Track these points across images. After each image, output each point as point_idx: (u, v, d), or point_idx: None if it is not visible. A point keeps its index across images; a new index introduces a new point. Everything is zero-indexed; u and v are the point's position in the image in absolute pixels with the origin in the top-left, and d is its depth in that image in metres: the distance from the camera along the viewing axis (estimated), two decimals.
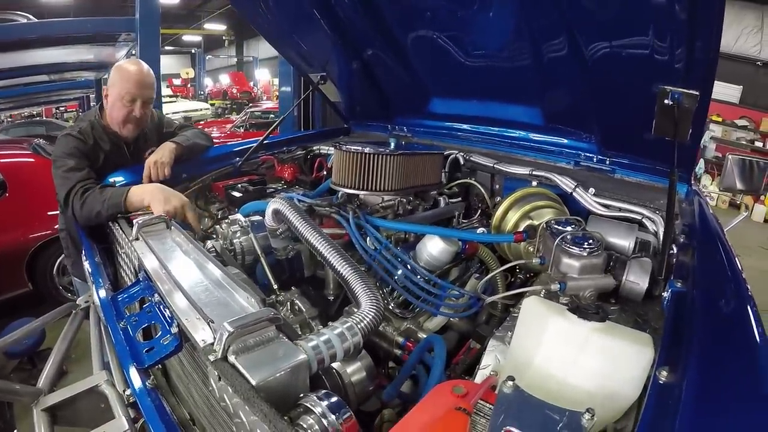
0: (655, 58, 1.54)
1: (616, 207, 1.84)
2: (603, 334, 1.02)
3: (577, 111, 2.12)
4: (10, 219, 4.18)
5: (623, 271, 1.38)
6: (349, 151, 1.92)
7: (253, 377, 0.91)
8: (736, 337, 0.95)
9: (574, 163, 2.27)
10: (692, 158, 1.89)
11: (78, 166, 2.13)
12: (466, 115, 2.75)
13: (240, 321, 1.00)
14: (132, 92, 2.25)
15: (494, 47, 2.17)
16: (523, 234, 1.57)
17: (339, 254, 1.41)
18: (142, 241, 1.59)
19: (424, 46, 2.42)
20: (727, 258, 1.33)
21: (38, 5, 14.84)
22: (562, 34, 1.82)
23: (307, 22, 2.61)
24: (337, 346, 1.07)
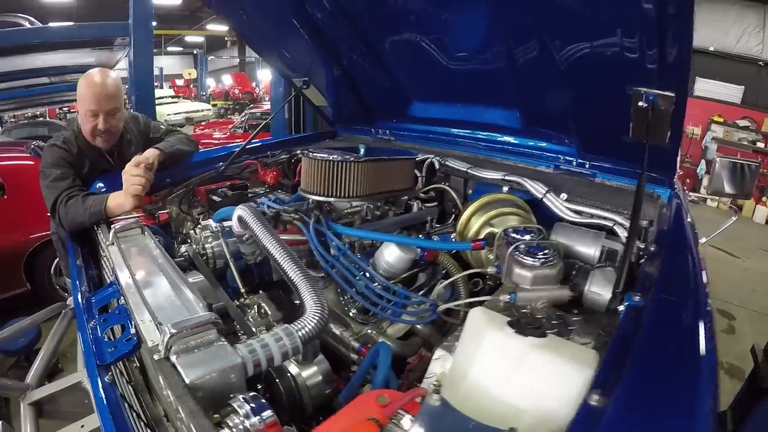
0: (628, 60, 1.50)
1: (588, 213, 1.78)
2: (541, 350, 0.97)
3: (555, 114, 2.10)
4: (8, 220, 4.23)
5: (586, 280, 1.33)
6: (315, 159, 1.91)
7: (188, 376, 0.97)
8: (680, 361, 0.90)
9: (554, 166, 2.23)
10: (673, 161, 1.84)
11: (63, 176, 2.20)
12: (446, 118, 2.73)
13: (182, 324, 1.08)
14: (92, 108, 2.26)
15: (470, 51, 2.16)
16: (482, 242, 1.52)
17: (291, 259, 1.43)
18: (116, 245, 1.68)
19: (401, 51, 2.43)
20: (693, 271, 1.27)
21: (40, 6, 14.91)
22: (533, 38, 1.80)
23: (288, 30, 2.63)
24: (274, 350, 1.09)
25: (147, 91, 5.16)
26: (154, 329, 1.17)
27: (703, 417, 0.76)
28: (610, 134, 1.85)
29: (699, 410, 0.78)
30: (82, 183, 2.27)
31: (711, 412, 0.76)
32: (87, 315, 1.46)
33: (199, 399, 0.94)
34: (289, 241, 1.82)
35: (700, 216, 4.57)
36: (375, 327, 1.66)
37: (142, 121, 2.71)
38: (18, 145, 5.52)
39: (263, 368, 1.08)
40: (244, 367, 1.04)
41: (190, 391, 0.95)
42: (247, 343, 1.09)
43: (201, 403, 0.93)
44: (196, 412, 0.89)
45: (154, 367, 1.09)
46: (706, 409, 0.77)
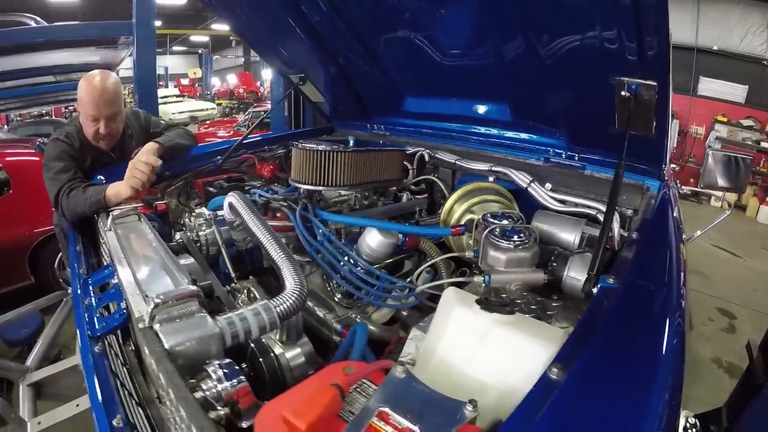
0: (609, 52, 1.52)
1: (572, 202, 1.80)
2: (506, 326, 0.99)
3: (544, 108, 2.10)
4: (13, 215, 4.30)
5: (564, 266, 1.35)
6: (304, 149, 1.96)
7: (168, 341, 1.04)
8: (642, 340, 0.91)
9: (544, 159, 2.24)
10: (661, 152, 1.84)
11: (65, 168, 2.26)
12: (439, 113, 2.75)
13: (166, 295, 1.15)
14: (92, 113, 2.31)
15: (460, 48, 2.19)
16: (461, 228, 1.55)
17: (275, 242, 1.49)
18: (113, 231, 1.75)
19: (394, 48, 2.45)
20: (670, 259, 1.28)
21: (46, 6, 15.03)
22: (518, 34, 1.81)
23: (284, 28, 2.66)
24: (251, 323, 1.13)
25: (150, 89, 5.19)
26: (143, 303, 1.22)
27: (658, 391, 0.77)
28: (598, 127, 1.86)
29: (655, 385, 0.79)
30: (84, 176, 2.33)
31: (669, 389, 0.78)
32: (83, 293, 1.54)
33: (179, 366, 0.99)
34: (278, 227, 1.89)
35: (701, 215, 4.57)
36: (359, 311, 1.69)
37: (143, 117, 2.76)
38: (23, 142, 5.60)
39: (241, 339, 1.12)
40: (222, 337, 1.09)
41: (169, 355, 1.00)
42: (227, 315, 1.14)
43: (180, 369, 0.98)
44: (172, 373, 0.93)
45: (140, 337, 1.13)
46: (663, 386, 0.79)
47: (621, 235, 1.56)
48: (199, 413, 0.87)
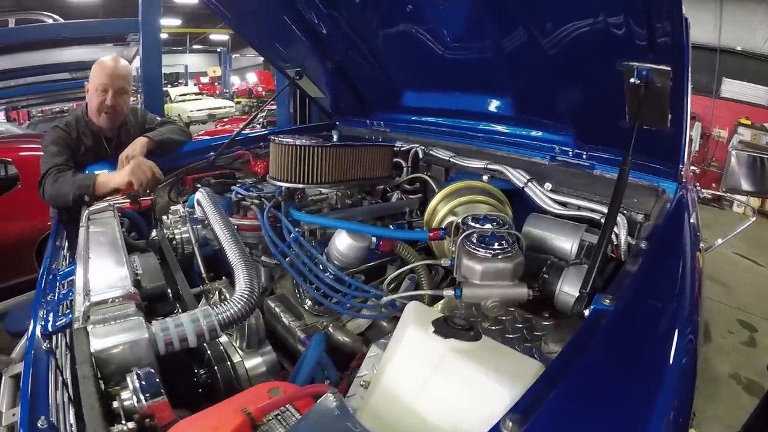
0: (614, 34, 1.33)
1: (574, 205, 1.60)
2: (462, 357, 0.80)
3: (548, 101, 1.92)
4: (22, 208, 4.34)
5: (558, 279, 1.15)
6: (281, 144, 1.84)
7: (94, 345, 0.98)
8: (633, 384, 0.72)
9: (550, 157, 2.05)
10: (677, 150, 1.63)
11: (58, 153, 2.30)
12: (440, 108, 2.60)
13: (102, 295, 1.12)
14: (104, 82, 2.38)
15: (457, 38, 2.04)
16: (441, 231, 1.35)
17: (233, 241, 1.41)
18: (86, 227, 1.70)
19: (390, 42, 2.34)
20: (683, 272, 1.08)
21: (66, 5, 15.26)
22: (516, 20, 1.65)
23: (280, 26, 2.60)
24: (188, 329, 1.07)
25: (155, 85, 5.20)
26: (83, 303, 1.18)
27: None
28: (608, 121, 1.67)
29: None
30: (77, 165, 2.35)
31: None
32: (48, 288, 1.52)
33: (110, 371, 0.97)
34: (247, 227, 1.80)
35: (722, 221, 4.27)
36: (332, 320, 1.54)
37: (140, 113, 2.79)
38: (35, 137, 5.69)
39: (176, 347, 1.06)
40: (154, 343, 1.03)
41: (96, 359, 0.96)
42: (162, 321, 1.08)
43: (110, 375, 0.96)
44: (88, 378, 0.90)
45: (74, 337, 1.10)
46: None
47: (629, 243, 1.35)
48: (99, 424, 0.81)
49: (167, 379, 1.15)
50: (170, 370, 1.21)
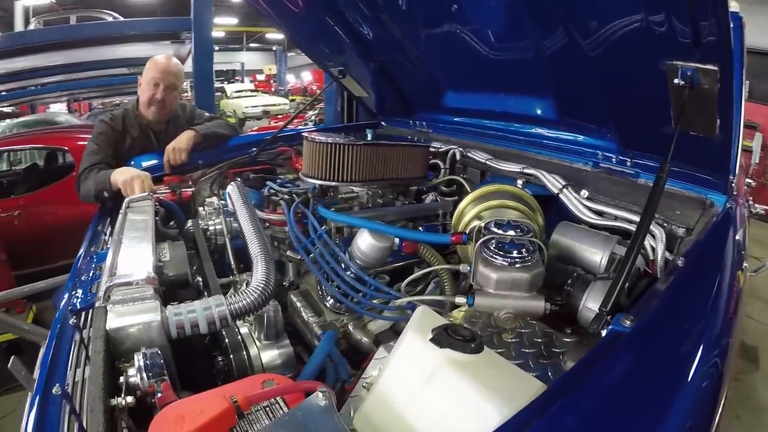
0: (657, 33, 1.23)
1: (611, 215, 1.51)
2: (457, 370, 0.76)
3: (591, 103, 1.81)
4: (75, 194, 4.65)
5: (582, 293, 1.09)
6: (314, 141, 1.85)
7: (110, 323, 1.03)
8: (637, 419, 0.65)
9: (593, 164, 1.95)
10: (727, 159, 1.50)
11: (96, 151, 2.44)
12: (482, 109, 2.53)
13: (121, 279, 1.17)
14: (156, 77, 2.51)
15: (499, 39, 1.99)
16: (463, 235, 1.30)
17: (255, 234, 1.43)
18: (124, 215, 1.77)
19: (433, 42, 2.31)
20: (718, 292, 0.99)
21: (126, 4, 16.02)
22: (556, 21, 1.58)
23: (323, 27, 2.63)
24: (199, 316, 1.09)
25: (206, 81, 5.38)
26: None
27: None
28: (654, 127, 1.56)
29: None
30: (120, 157, 2.48)
31: None
32: (84, 268, 1.58)
33: (124, 348, 1.02)
34: (276, 221, 1.82)
35: None
36: (352, 319, 1.54)
37: (189, 109, 2.89)
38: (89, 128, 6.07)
39: (187, 332, 1.09)
40: (167, 327, 1.06)
41: (106, 335, 1.01)
42: (177, 306, 1.11)
43: (124, 352, 1.01)
44: (98, 353, 0.95)
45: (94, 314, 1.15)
46: None
47: (666, 259, 1.26)
48: (98, 394, 0.86)
49: (186, 362, 1.23)
50: (190, 354, 1.27)
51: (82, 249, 1.85)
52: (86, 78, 6.74)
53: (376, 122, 3.45)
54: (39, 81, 6.16)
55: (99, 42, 5.63)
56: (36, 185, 4.85)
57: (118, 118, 2.59)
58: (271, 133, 2.95)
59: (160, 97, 2.52)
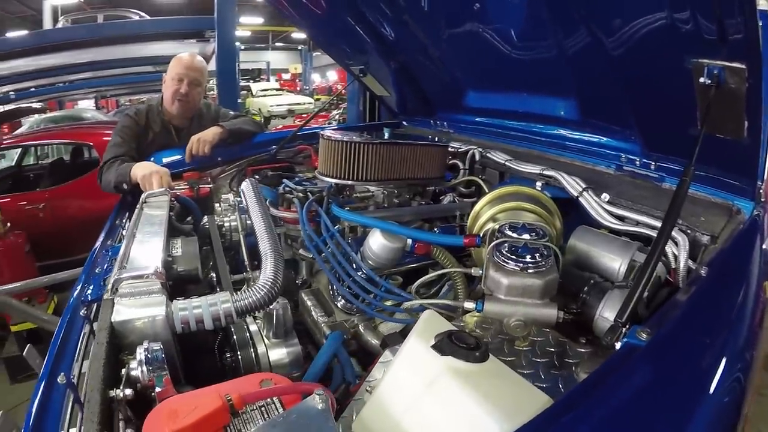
0: (680, 27, 1.18)
1: (632, 220, 1.45)
2: (458, 379, 0.72)
3: (614, 104, 1.75)
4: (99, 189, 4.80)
5: (599, 302, 1.04)
6: (330, 140, 1.83)
7: (115, 316, 1.05)
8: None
9: (616, 167, 1.89)
10: (755, 163, 1.43)
11: (120, 143, 2.52)
12: (503, 110, 2.49)
13: (129, 272, 1.17)
14: (180, 72, 2.58)
15: (522, 37, 1.95)
16: (477, 238, 1.26)
17: (267, 232, 1.42)
18: (140, 209, 1.81)
19: (455, 41, 2.28)
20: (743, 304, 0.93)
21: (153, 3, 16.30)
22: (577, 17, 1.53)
23: (344, 27, 2.63)
24: (204, 312, 1.09)
25: (230, 80, 5.51)
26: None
27: None
28: (679, 129, 1.49)
29: None
30: (142, 152, 2.55)
31: None
32: (99, 260, 1.60)
33: (129, 341, 1.04)
34: (289, 219, 1.82)
35: None
36: (363, 320, 1.52)
37: (213, 108, 2.95)
38: (114, 124, 6.22)
39: (192, 328, 1.09)
40: (171, 322, 1.07)
41: (111, 327, 1.03)
42: (183, 301, 1.12)
43: (128, 345, 1.02)
44: (102, 344, 0.97)
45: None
46: None
47: (689, 267, 1.20)
48: (97, 386, 0.87)
49: (195, 357, 1.27)
50: (199, 349, 1.30)
51: (99, 241, 1.87)
52: (113, 75, 6.87)
53: (398, 122, 3.44)
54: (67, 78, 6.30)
55: (125, 40, 5.76)
56: (61, 179, 4.97)
57: (142, 112, 2.66)
58: (291, 131, 2.96)
59: (183, 92, 2.58)
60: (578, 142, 2.09)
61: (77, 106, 11.85)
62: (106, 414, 0.87)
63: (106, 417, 0.87)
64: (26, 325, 3.47)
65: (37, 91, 6.30)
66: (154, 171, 2.17)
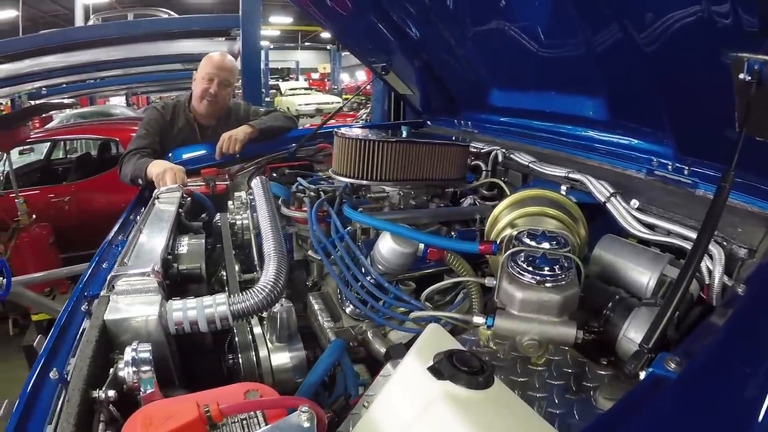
0: (719, 20, 1.07)
1: (663, 229, 1.34)
2: (453, 406, 0.64)
3: (646, 103, 1.65)
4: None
5: (623, 320, 0.95)
6: (344, 137, 1.78)
7: (108, 314, 1.04)
8: None
9: (647, 171, 1.77)
10: None
11: (144, 136, 2.58)
12: (529, 110, 2.40)
13: (125, 269, 1.16)
14: (210, 72, 2.63)
15: (549, 34, 1.86)
16: (493, 245, 1.17)
17: (273, 233, 1.38)
18: (151, 205, 1.83)
19: (481, 39, 2.21)
20: None
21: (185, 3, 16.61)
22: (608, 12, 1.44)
23: (368, 26, 2.62)
24: (199, 314, 1.06)
25: (254, 77, 5.56)
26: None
27: None
28: (716, 130, 1.38)
29: None
30: (166, 145, 2.62)
31: None
32: (107, 255, 1.59)
33: (123, 339, 1.02)
34: (300, 219, 1.78)
35: None
36: (372, 327, 1.44)
37: (243, 108, 2.97)
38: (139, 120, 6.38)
39: (186, 329, 1.06)
40: (165, 323, 1.05)
41: (104, 325, 1.02)
42: (179, 302, 1.09)
43: (122, 345, 0.98)
44: (91, 342, 0.97)
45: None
46: None
47: (724, 284, 1.09)
48: (78, 385, 0.86)
49: (196, 357, 1.27)
50: (200, 349, 1.29)
51: (110, 235, 1.86)
52: (142, 73, 6.98)
53: (422, 121, 3.39)
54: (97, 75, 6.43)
55: (153, 38, 5.88)
56: (87, 173, 5.11)
57: (169, 107, 2.73)
58: (311, 130, 2.93)
59: (213, 92, 2.61)
60: (607, 144, 1.99)
61: (108, 102, 12.16)
62: (85, 415, 0.86)
63: (86, 417, 0.86)
64: (44, 315, 3.54)
65: (68, 87, 6.45)
66: (168, 168, 2.18)
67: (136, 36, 5.67)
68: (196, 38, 6.15)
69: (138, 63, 6.29)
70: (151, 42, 5.91)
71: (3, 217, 3.99)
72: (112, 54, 5.68)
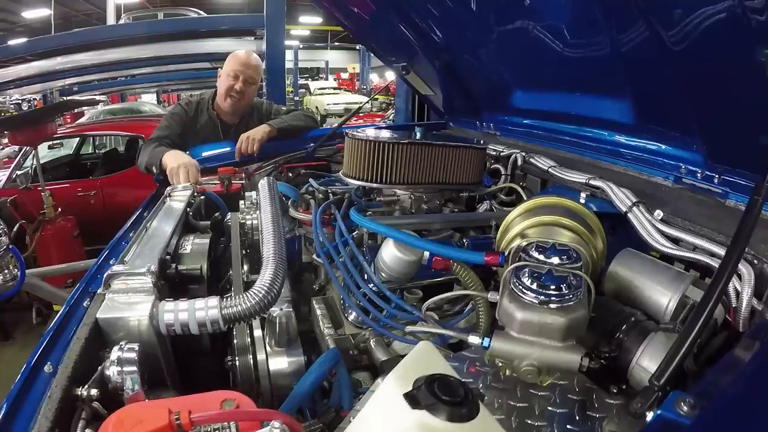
0: (750, 17, 0.98)
1: (689, 243, 1.24)
2: None
3: (674, 107, 1.55)
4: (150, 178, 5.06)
5: (638, 346, 0.87)
6: (354, 138, 1.73)
7: (101, 312, 1.05)
8: None
9: (674, 178, 1.67)
10: None
11: (166, 127, 2.62)
12: (552, 112, 2.32)
13: (122, 268, 1.16)
14: (236, 69, 2.65)
15: (574, 33, 1.78)
16: (500, 256, 1.09)
17: (273, 235, 1.35)
18: (161, 202, 1.85)
19: (504, 39, 2.15)
20: None
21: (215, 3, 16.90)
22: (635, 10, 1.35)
23: (388, 25, 2.58)
24: (190, 316, 1.05)
25: (278, 76, 5.58)
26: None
27: None
28: (749, 136, 1.29)
29: None
30: (187, 140, 2.64)
31: None
32: (113, 251, 1.59)
33: (114, 339, 1.03)
34: (308, 221, 1.75)
35: None
36: (375, 335, 1.39)
37: (265, 106, 2.98)
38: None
39: (177, 331, 1.06)
40: (156, 324, 1.05)
41: (96, 323, 1.04)
42: (171, 303, 1.08)
43: (113, 344, 0.97)
44: (80, 340, 0.99)
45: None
46: None
47: (752, 308, 0.99)
48: (62, 382, 0.88)
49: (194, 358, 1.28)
50: (200, 351, 1.30)
51: (121, 231, 1.87)
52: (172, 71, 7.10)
53: (444, 122, 3.33)
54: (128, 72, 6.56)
55: (181, 37, 5.99)
56: (113, 169, 5.22)
57: (193, 104, 2.76)
58: (329, 129, 2.90)
59: (238, 89, 2.64)
60: (633, 149, 1.89)
61: (139, 99, 12.44)
62: (68, 411, 0.87)
63: (67, 414, 0.86)
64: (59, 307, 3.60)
65: (99, 84, 6.59)
66: (182, 164, 2.18)
67: (165, 35, 5.75)
68: (224, 37, 6.25)
69: (167, 61, 6.39)
70: (179, 41, 6.04)
71: (30, 210, 4.09)
72: (142, 52, 5.80)
